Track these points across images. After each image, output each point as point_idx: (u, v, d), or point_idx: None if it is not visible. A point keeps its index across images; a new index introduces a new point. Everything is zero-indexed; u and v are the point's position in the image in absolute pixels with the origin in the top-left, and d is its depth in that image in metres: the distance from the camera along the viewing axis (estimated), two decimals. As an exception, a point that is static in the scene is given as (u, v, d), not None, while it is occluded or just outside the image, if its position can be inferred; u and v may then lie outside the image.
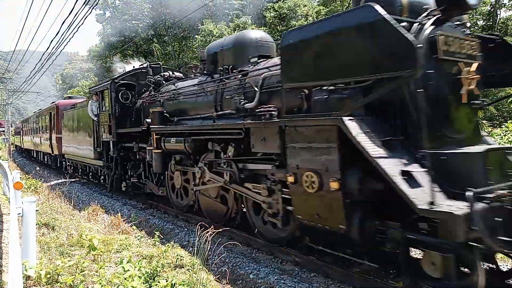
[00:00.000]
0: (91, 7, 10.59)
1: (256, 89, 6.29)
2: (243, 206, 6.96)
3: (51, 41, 14.58)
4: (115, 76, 11.76)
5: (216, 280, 5.32)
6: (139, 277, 4.42)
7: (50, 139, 20.41)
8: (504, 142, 11.78)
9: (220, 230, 6.07)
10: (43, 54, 17.22)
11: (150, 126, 8.88)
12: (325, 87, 4.76)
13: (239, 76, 6.95)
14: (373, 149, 3.78)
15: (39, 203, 9.28)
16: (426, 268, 3.52)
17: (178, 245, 6.56)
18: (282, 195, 5.62)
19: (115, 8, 38.44)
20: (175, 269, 5.48)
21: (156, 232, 6.86)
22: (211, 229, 5.61)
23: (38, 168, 21.34)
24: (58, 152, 18.89)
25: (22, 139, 35.83)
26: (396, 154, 3.88)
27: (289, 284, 5.02)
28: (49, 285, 4.47)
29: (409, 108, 4.16)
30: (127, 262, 4.73)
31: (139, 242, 6.91)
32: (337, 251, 4.97)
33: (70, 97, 22.88)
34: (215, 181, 7.23)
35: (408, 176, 3.56)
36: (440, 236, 3.33)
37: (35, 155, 29.15)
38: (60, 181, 16.95)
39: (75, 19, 11.06)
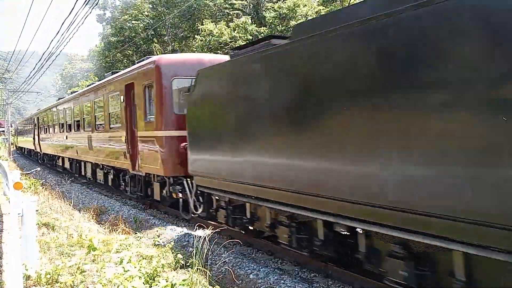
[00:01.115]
0: (91, 7, 10.60)
1: None
2: None
3: (51, 41, 14.60)
4: None
5: (216, 280, 5.32)
6: (139, 277, 4.42)
7: (129, 143, 10.09)
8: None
9: (218, 230, 6.07)
10: (43, 54, 17.24)
11: None
12: None
13: None
14: None
15: (39, 203, 9.28)
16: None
17: (178, 245, 6.56)
18: None
19: (115, 8, 38.49)
20: (175, 269, 5.49)
21: (156, 232, 6.87)
22: (210, 229, 5.60)
23: (38, 169, 21.32)
24: (165, 173, 8.49)
25: (39, 138, 24.59)
26: None
27: (289, 284, 5.02)
28: (49, 285, 4.47)
29: None
30: (127, 263, 4.74)
31: (139, 243, 6.91)
32: None
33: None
34: None
35: None
36: None
37: (69, 166, 17.98)
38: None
39: (75, 19, 11.08)
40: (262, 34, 24.77)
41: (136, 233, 7.78)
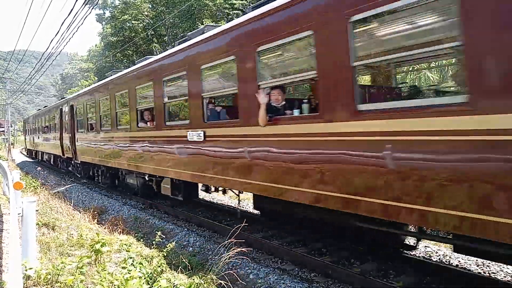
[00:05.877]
0: (91, 7, 10.59)
1: None
2: None
3: (51, 41, 14.61)
4: None
5: (216, 280, 5.32)
6: (140, 277, 4.41)
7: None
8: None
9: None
10: (43, 54, 17.24)
11: None
12: None
13: None
14: None
15: (39, 203, 9.28)
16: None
17: (178, 245, 6.56)
18: None
19: (115, 8, 38.48)
20: (176, 269, 5.48)
21: (158, 232, 6.86)
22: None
23: (39, 168, 21.32)
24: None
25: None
26: None
27: (289, 284, 5.02)
28: (49, 285, 4.47)
29: None
30: (128, 263, 4.73)
31: (139, 243, 6.91)
32: None
33: None
34: None
35: None
36: None
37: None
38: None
39: (75, 19, 11.08)
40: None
41: (136, 233, 7.78)
